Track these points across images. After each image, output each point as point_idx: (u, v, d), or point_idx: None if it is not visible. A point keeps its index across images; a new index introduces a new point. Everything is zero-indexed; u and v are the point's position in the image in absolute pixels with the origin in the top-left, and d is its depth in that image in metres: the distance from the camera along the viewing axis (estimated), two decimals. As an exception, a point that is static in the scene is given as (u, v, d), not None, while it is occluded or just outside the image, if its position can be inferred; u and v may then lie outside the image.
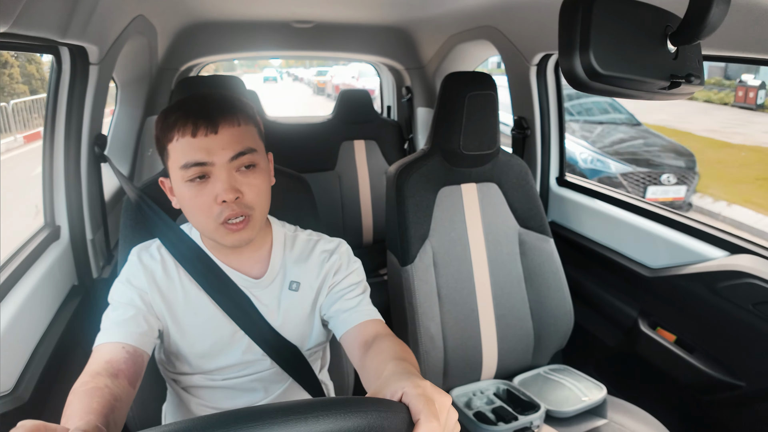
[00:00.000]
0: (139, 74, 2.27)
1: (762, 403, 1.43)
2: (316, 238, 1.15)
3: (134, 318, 0.96)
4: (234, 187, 0.92)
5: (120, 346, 0.91)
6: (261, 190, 0.96)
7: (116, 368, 0.87)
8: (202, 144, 0.90)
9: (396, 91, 3.40)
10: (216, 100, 0.95)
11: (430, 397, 0.60)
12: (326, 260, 1.10)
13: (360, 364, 0.95)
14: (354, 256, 1.15)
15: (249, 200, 0.94)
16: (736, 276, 1.46)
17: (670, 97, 0.79)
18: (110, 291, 1.03)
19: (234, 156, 0.92)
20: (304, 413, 0.51)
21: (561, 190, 2.20)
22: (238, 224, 0.94)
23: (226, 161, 0.91)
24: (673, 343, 1.66)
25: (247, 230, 0.95)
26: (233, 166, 0.93)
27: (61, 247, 1.53)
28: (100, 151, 1.64)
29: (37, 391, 1.18)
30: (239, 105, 0.97)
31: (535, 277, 1.73)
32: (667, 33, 0.71)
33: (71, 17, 1.22)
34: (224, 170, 0.91)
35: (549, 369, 1.74)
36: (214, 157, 0.91)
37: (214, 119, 0.91)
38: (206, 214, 0.93)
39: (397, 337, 0.98)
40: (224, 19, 2.50)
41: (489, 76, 1.67)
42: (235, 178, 0.93)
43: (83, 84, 1.53)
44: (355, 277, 1.11)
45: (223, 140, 0.91)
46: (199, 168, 0.91)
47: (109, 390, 0.80)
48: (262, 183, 0.97)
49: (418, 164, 1.67)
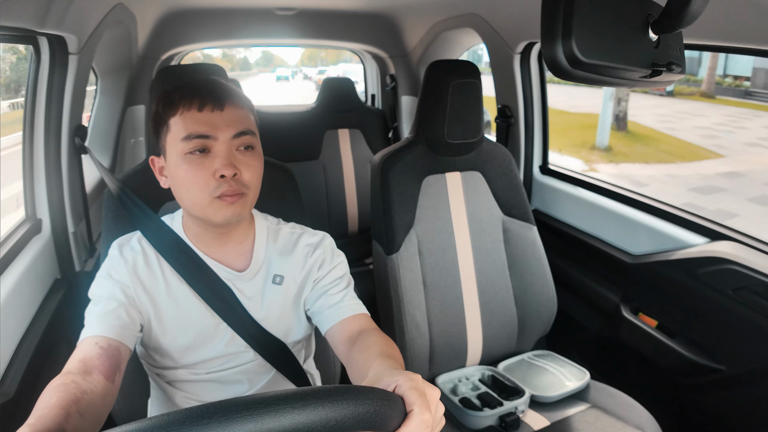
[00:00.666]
0: (119, 64, 2.24)
1: (742, 386, 1.46)
2: (300, 231, 1.15)
3: (115, 311, 0.96)
4: (233, 164, 0.93)
5: (93, 341, 0.90)
6: (257, 171, 0.99)
7: (90, 365, 0.86)
8: (208, 118, 0.93)
9: (380, 80, 3.38)
10: (221, 84, 0.98)
11: (422, 390, 0.63)
12: (310, 254, 1.10)
13: (346, 359, 0.97)
14: (338, 249, 1.15)
15: (246, 179, 0.96)
16: (716, 262, 1.48)
17: (651, 85, 0.80)
18: (91, 286, 1.02)
19: (237, 134, 0.95)
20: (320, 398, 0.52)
21: (544, 178, 2.21)
22: (234, 197, 0.95)
23: (229, 138, 0.94)
24: (655, 328, 1.69)
25: (239, 205, 0.96)
26: (234, 144, 0.95)
27: (42, 241, 1.51)
28: (81, 142, 1.62)
29: (23, 386, 1.17)
30: (240, 92, 1.01)
31: (519, 265, 1.74)
32: (648, 21, 0.72)
33: (49, 6, 1.19)
34: (225, 146, 0.94)
35: (533, 355, 1.76)
36: (218, 132, 0.93)
37: (220, 98, 0.94)
38: (202, 187, 0.94)
39: (382, 332, 1.00)
40: (205, 6, 2.46)
41: (473, 65, 1.67)
42: (235, 156, 0.95)
43: (62, 74, 1.50)
44: (339, 271, 1.12)
45: (228, 117, 0.94)
46: (202, 141, 0.93)
47: (76, 385, 0.79)
48: (259, 165, 0.99)
49: (403, 153, 1.66)
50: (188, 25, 2.54)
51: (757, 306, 1.40)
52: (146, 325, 1.02)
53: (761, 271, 1.39)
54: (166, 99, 0.96)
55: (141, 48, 2.36)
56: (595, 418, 1.47)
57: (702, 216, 1.64)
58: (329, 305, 1.06)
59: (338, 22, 2.80)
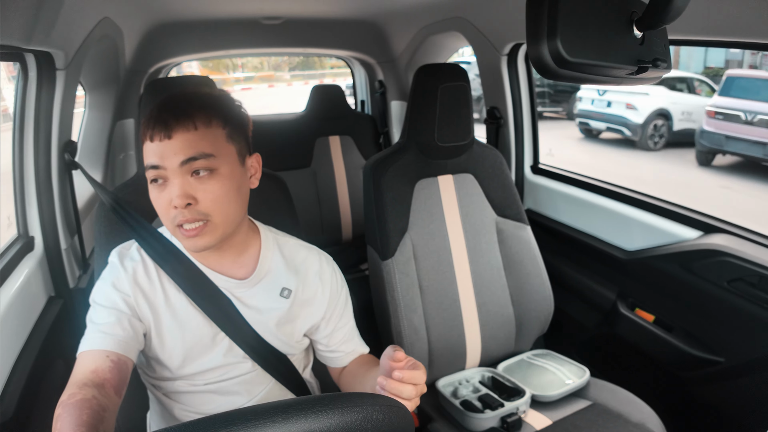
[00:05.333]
0: (107, 78, 2.23)
1: (741, 377, 1.47)
2: (306, 245, 1.16)
3: (118, 323, 0.95)
4: (187, 193, 0.90)
5: (104, 354, 0.90)
6: (218, 196, 0.93)
7: (102, 378, 0.87)
8: (157, 149, 0.90)
9: (369, 85, 3.38)
10: (176, 104, 0.93)
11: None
12: (317, 273, 1.13)
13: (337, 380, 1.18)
14: (339, 272, 1.18)
15: (204, 207, 0.92)
16: (711, 255, 1.49)
17: (638, 82, 0.80)
18: (92, 291, 1.01)
19: (184, 161, 0.90)
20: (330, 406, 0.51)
21: (536, 177, 2.22)
22: (193, 230, 0.92)
23: (176, 166, 0.90)
24: (652, 323, 1.69)
25: (203, 237, 0.93)
26: (186, 170, 0.91)
27: (35, 258, 1.50)
28: (71, 157, 1.61)
29: (20, 406, 1.16)
30: (202, 106, 0.94)
31: (514, 265, 1.75)
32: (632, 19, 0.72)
33: (35, 23, 1.19)
34: (177, 175, 0.90)
35: (532, 354, 1.76)
36: (166, 162, 0.90)
37: (168, 125, 0.90)
38: (165, 216, 0.94)
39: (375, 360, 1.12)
40: (191, 18, 2.46)
41: (461, 68, 1.68)
42: (190, 184, 0.91)
43: (50, 90, 1.49)
44: (344, 298, 1.17)
45: (175, 145, 0.89)
46: (155, 171, 0.91)
47: (97, 401, 0.80)
48: (220, 189, 0.93)
49: (394, 158, 1.67)
50: (175, 37, 2.54)
51: (752, 296, 1.40)
52: (147, 334, 1.02)
53: (755, 261, 1.40)
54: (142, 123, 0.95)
55: (128, 61, 2.35)
56: (596, 415, 1.47)
57: (695, 210, 1.65)
58: (338, 348, 1.17)
59: (325, 30, 2.80)
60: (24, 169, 1.50)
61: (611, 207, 1.85)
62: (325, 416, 0.50)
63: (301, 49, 2.94)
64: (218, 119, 0.95)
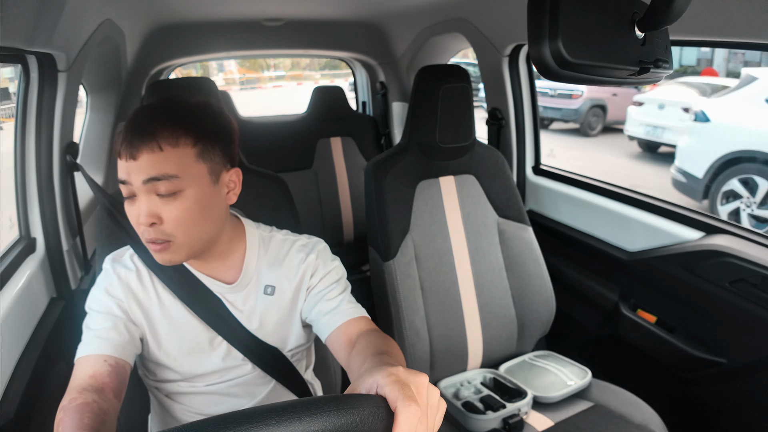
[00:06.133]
0: (109, 79, 2.24)
1: (743, 378, 1.46)
2: (293, 238, 1.13)
3: (114, 328, 0.96)
4: (152, 212, 0.89)
5: (102, 359, 0.91)
6: (182, 219, 0.90)
7: (101, 382, 0.88)
8: (124, 166, 0.89)
9: (370, 87, 3.39)
10: (144, 124, 0.89)
11: (404, 381, 0.58)
12: (302, 261, 1.08)
13: (346, 364, 0.93)
14: (332, 254, 1.14)
15: (168, 228, 0.90)
16: (713, 255, 1.49)
17: (639, 83, 0.80)
18: (87, 299, 1.02)
19: (146, 180, 0.88)
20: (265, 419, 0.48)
21: (537, 178, 2.22)
22: (158, 246, 0.91)
23: (140, 184, 0.88)
24: (654, 324, 1.69)
25: (168, 254, 0.92)
26: (149, 190, 0.89)
27: (37, 260, 1.50)
28: (73, 159, 1.61)
29: (22, 407, 1.16)
30: (171, 125, 0.89)
31: (516, 266, 1.74)
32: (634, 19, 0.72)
33: (37, 25, 1.19)
34: (143, 193, 0.89)
35: (534, 356, 1.76)
36: (132, 179, 0.89)
37: (133, 144, 0.87)
38: (136, 230, 0.93)
39: (381, 331, 0.97)
40: (193, 20, 2.47)
41: (462, 69, 1.68)
42: (156, 203, 0.89)
43: (52, 92, 1.50)
44: (334, 275, 1.09)
45: (140, 165, 0.87)
46: (124, 186, 0.90)
47: (98, 405, 0.82)
48: (185, 212, 0.90)
49: (396, 159, 1.67)
50: (177, 39, 2.54)
51: (754, 297, 1.40)
52: (143, 339, 1.02)
53: (758, 262, 1.39)
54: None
55: (130, 63, 2.36)
56: (598, 417, 1.47)
57: (696, 210, 1.65)
58: (326, 311, 1.03)
59: (326, 31, 2.80)
60: (26, 170, 1.51)
61: (613, 208, 1.84)
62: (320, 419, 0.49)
63: (303, 50, 2.95)
64: (187, 137, 0.90)
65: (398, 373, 0.59)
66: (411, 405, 0.54)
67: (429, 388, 0.60)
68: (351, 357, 0.91)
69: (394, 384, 0.56)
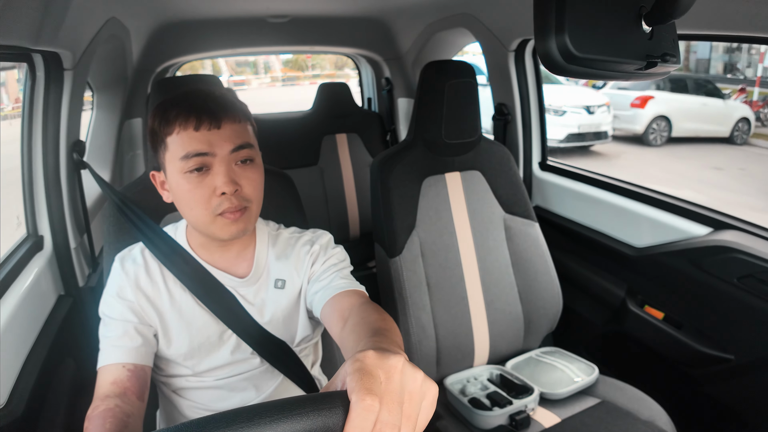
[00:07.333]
0: (114, 77, 2.24)
1: (751, 375, 1.46)
2: (299, 234, 1.15)
3: (127, 334, 0.98)
4: (233, 179, 0.94)
5: (121, 366, 0.95)
6: (258, 184, 0.99)
7: (122, 387, 0.92)
8: (205, 137, 0.92)
9: (376, 83, 3.38)
10: (218, 98, 0.96)
11: (368, 369, 0.50)
12: (307, 253, 1.11)
13: (339, 342, 0.87)
14: (334, 243, 1.15)
15: (247, 193, 0.96)
16: (721, 251, 1.48)
17: (647, 77, 0.80)
18: (100, 304, 1.03)
19: (235, 148, 0.94)
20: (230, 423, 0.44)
21: (544, 174, 2.21)
22: (237, 213, 0.95)
23: (227, 153, 0.94)
24: (662, 320, 1.68)
25: (243, 221, 0.97)
26: (233, 159, 0.95)
27: (45, 257, 1.51)
28: (79, 157, 1.62)
29: (31, 403, 1.17)
30: (238, 103, 0.99)
31: (523, 262, 1.74)
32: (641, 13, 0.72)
33: (42, 23, 1.19)
34: (224, 163, 0.94)
35: (540, 352, 1.75)
36: (216, 149, 0.93)
37: (217, 114, 0.93)
38: (204, 206, 0.94)
39: (375, 305, 0.92)
40: (198, 17, 2.47)
41: (468, 64, 1.67)
42: (234, 171, 0.95)
43: (58, 90, 1.50)
44: (334, 259, 1.10)
45: (225, 133, 0.94)
46: (200, 159, 0.93)
47: (120, 408, 0.87)
48: (259, 177, 1.00)
49: (401, 155, 1.66)
50: (182, 37, 2.55)
51: (763, 293, 1.39)
52: (156, 335, 1.03)
53: (766, 258, 1.38)
54: (161, 116, 0.95)
55: (136, 61, 2.36)
56: (605, 413, 1.47)
57: (704, 206, 1.64)
58: (320, 288, 1.03)
59: (331, 28, 2.80)
60: (33, 168, 1.51)
61: (620, 203, 1.83)
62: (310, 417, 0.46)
63: (308, 47, 2.94)
64: (249, 115, 1.02)
65: (364, 359, 0.51)
66: (365, 398, 0.46)
67: (405, 372, 0.52)
68: (344, 333, 0.85)
69: (354, 374, 0.49)
